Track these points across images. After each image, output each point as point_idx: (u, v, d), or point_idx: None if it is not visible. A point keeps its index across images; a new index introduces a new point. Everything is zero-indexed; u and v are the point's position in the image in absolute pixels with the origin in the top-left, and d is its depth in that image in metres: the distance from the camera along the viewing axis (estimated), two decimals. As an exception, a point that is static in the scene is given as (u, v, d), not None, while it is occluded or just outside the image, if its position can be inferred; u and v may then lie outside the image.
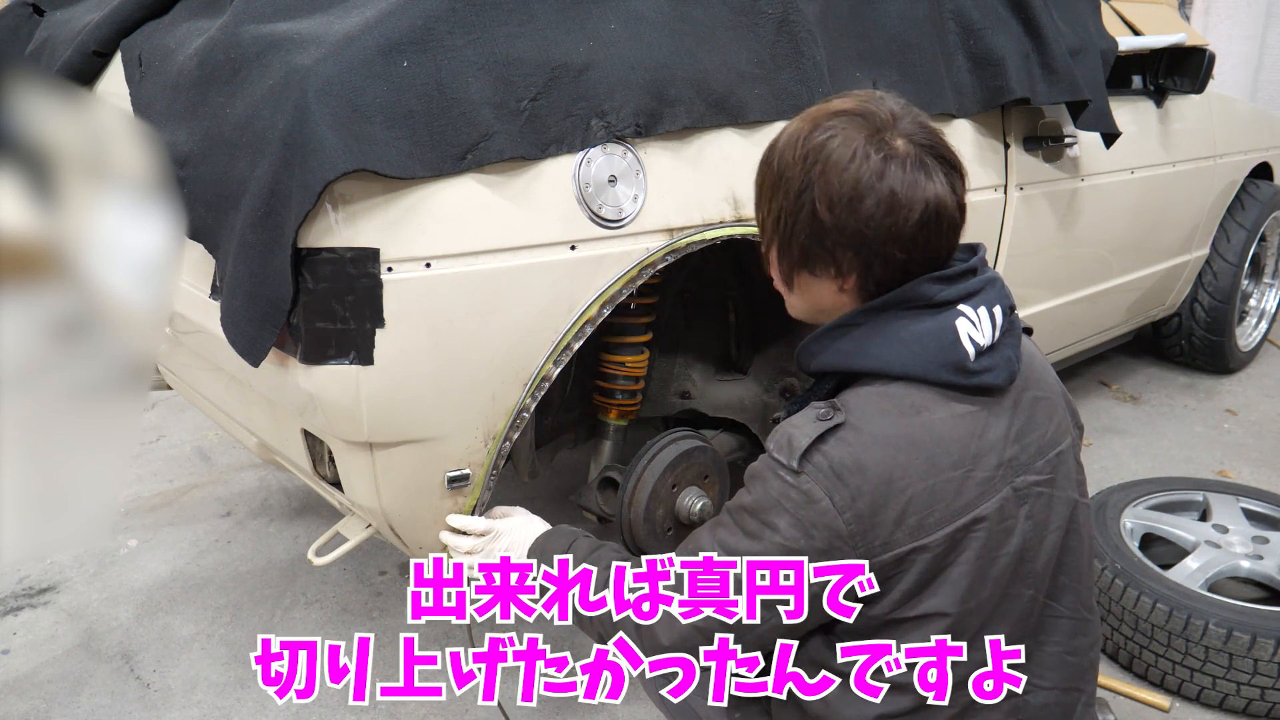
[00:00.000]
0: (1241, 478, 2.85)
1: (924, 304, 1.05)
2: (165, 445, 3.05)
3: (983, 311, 1.06)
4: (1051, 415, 1.14)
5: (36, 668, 1.98)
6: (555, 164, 1.40)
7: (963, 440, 1.05)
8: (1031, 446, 1.10)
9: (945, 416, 1.05)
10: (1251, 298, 3.82)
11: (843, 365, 1.09)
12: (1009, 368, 1.08)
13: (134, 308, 0.48)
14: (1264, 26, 6.17)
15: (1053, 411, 1.14)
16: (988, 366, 1.05)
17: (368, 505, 1.47)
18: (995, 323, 1.07)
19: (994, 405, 1.08)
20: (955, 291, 1.05)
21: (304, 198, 1.19)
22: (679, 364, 2.10)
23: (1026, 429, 1.10)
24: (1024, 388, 1.12)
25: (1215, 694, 1.85)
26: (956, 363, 1.04)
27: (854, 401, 1.06)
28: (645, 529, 1.70)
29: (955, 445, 1.04)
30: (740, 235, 1.61)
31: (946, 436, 1.04)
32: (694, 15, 1.54)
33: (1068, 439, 1.17)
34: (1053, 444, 1.13)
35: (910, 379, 1.05)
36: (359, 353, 1.30)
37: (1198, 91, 2.81)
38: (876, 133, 1.04)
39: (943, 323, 1.04)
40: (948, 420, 1.05)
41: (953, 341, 1.04)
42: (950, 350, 1.04)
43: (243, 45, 1.38)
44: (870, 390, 1.06)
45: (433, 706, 1.87)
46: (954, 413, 1.05)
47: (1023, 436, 1.10)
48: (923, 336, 1.04)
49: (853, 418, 1.04)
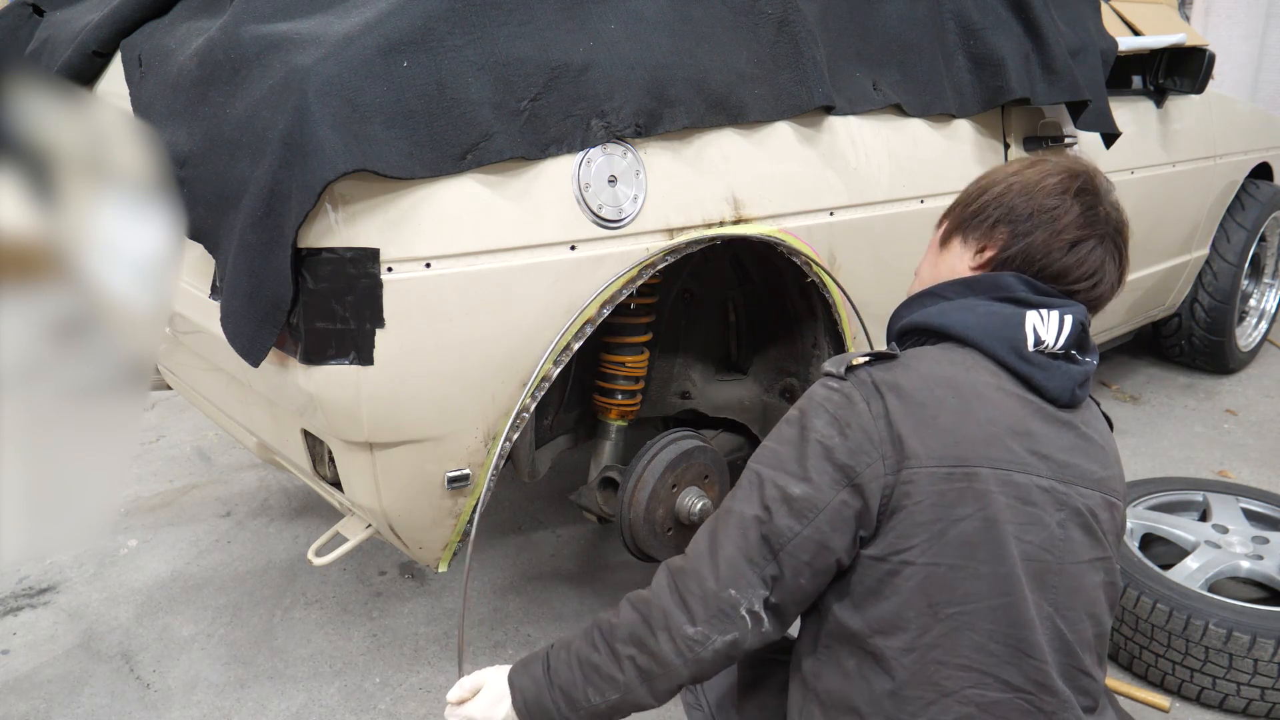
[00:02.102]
0: (1241, 478, 2.85)
1: (1006, 297, 1.14)
2: (165, 445, 3.05)
3: (1054, 315, 1.12)
4: (1106, 467, 1.13)
5: (36, 668, 1.98)
6: (555, 164, 1.40)
7: (1003, 410, 1.08)
8: (1080, 471, 1.09)
9: (992, 383, 1.09)
10: (1251, 298, 3.81)
11: (920, 321, 1.18)
12: (1066, 384, 1.11)
13: (134, 308, 0.48)
14: (1264, 26, 6.17)
15: (1108, 465, 1.14)
16: (1043, 366, 1.10)
17: (368, 505, 1.47)
18: (1064, 329, 1.11)
19: (1045, 411, 1.10)
20: (1037, 298, 1.14)
21: (304, 198, 1.19)
22: (679, 364, 2.10)
23: (1077, 455, 1.10)
24: (1084, 425, 1.13)
25: (1215, 694, 1.85)
26: (1014, 342, 1.10)
27: (913, 351, 1.15)
28: (645, 529, 1.70)
29: (993, 408, 1.07)
30: (740, 235, 1.61)
31: (988, 397, 1.08)
32: (694, 15, 1.54)
33: (1119, 502, 1.15)
34: (1102, 488, 1.11)
35: (970, 345, 1.12)
36: (359, 353, 1.30)
37: (1198, 92, 2.81)
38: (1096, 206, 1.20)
39: (1014, 310, 1.13)
40: (993, 386, 1.09)
41: (1017, 324, 1.11)
42: (1012, 330, 1.11)
43: (243, 45, 1.38)
44: (933, 347, 1.15)
45: (434, 706, 1.87)
46: (1002, 386, 1.09)
47: (1072, 456, 1.09)
48: (993, 314, 1.13)
49: (906, 358, 1.12)
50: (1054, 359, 1.11)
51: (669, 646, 1.08)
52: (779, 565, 1.07)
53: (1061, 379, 1.11)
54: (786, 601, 1.09)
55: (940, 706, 1.04)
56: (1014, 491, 1.05)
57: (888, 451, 1.05)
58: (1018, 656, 1.04)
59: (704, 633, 1.07)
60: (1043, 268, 1.16)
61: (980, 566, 1.04)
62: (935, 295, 1.20)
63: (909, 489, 1.04)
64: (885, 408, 1.07)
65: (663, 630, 1.08)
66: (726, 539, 1.08)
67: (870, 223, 1.83)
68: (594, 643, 1.13)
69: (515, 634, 2.08)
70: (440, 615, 2.15)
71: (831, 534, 1.05)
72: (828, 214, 1.75)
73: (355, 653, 2.03)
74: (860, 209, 1.79)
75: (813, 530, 1.05)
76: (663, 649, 1.08)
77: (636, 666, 1.10)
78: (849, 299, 1.81)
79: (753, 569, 1.07)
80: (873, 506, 1.05)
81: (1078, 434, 1.12)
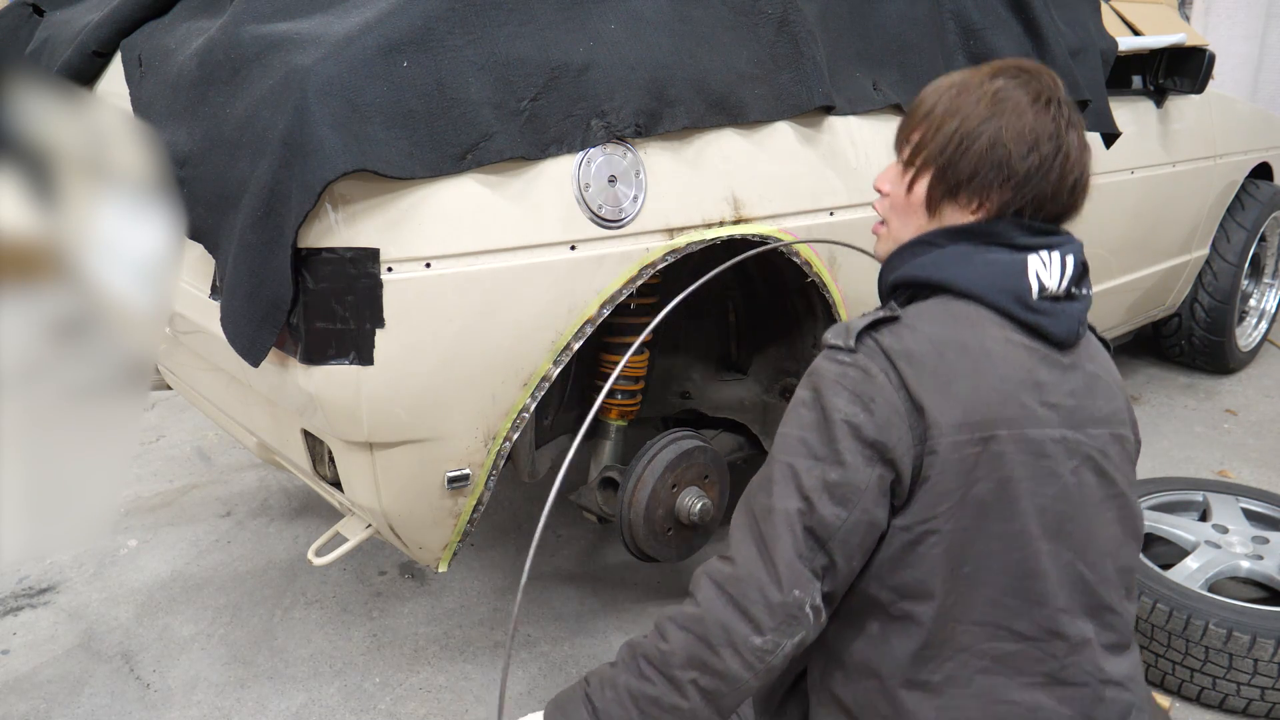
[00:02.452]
0: (1241, 478, 2.85)
1: (1003, 243, 1.10)
2: (165, 445, 3.05)
3: (1055, 256, 1.09)
4: (1111, 400, 1.12)
5: (36, 668, 1.98)
6: (555, 164, 1.40)
7: (1013, 364, 1.06)
8: (1088, 413, 1.09)
9: (999, 338, 1.07)
10: (1251, 298, 3.81)
11: (915, 275, 1.13)
12: (1070, 325, 1.09)
13: (134, 308, 0.48)
14: (1264, 26, 6.17)
15: (1112, 397, 1.13)
16: (1048, 312, 1.08)
17: (368, 505, 1.47)
18: (1065, 270, 1.09)
19: (1051, 357, 1.09)
20: (1035, 240, 1.10)
21: (304, 198, 1.19)
22: (679, 364, 2.10)
23: (1084, 396, 1.09)
24: (1087, 361, 1.12)
25: (1215, 694, 1.85)
26: (1018, 292, 1.07)
27: (913, 309, 1.11)
28: (645, 529, 1.70)
29: (1004, 364, 1.05)
30: (740, 235, 1.61)
31: (996, 354, 1.06)
32: (694, 15, 1.54)
33: (1128, 431, 1.14)
34: (1109, 424, 1.11)
35: (972, 298, 1.09)
36: (359, 353, 1.30)
37: (1198, 92, 2.81)
38: (1046, 93, 1.11)
39: (1015, 257, 1.09)
40: (1000, 342, 1.07)
41: (1019, 272, 1.08)
42: (1015, 279, 1.08)
43: (243, 45, 1.38)
44: (932, 302, 1.11)
45: (433, 707, 1.87)
46: (1009, 339, 1.07)
47: (1080, 398, 1.09)
48: (992, 264, 1.09)
49: (908, 319, 1.08)
50: (1057, 302, 1.09)
51: (736, 662, 1.02)
52: (828, 555, 1.03)
53: (1067, 322, 1.09)
54: (839, 587, 1.06)
55: (957, 662, 1.05)
56: (1029, 448, 1.04)
57: (914, 422, 1.03)
58: (1029, 607, 1.05)
59: (773, 640, 1.02)
60: (1048, 211, 1.11)
61: (992, 525, 1.03)
62: (927, 244, 1.14)
63: (934, 459, 1.02)
64: (901, 378, 1.04)
65: (726, 647, 1.02)
66: (776, 539, 1.03)
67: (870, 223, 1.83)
68: (643, 674, 1.06)
69: (515, 634, 2.08)
70: (440, 615, 2.15)
71: (876, 510, 1.03)
72: (828, 214, 1.75)
73: (355, 653, 2.03)
74: (860, 209, 1.79)
75: (859, 513, 1.02)
76: (729, 666, 1.02)
77: (701, 690, 1.04)
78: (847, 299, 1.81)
79: (805, 564, 1.03)
80: (905, 478, 1.03)
81: (1083, 373, 1.11)
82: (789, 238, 1.68)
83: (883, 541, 1.06)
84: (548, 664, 1.98)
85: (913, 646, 1.05)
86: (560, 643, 2.06)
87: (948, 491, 1.03)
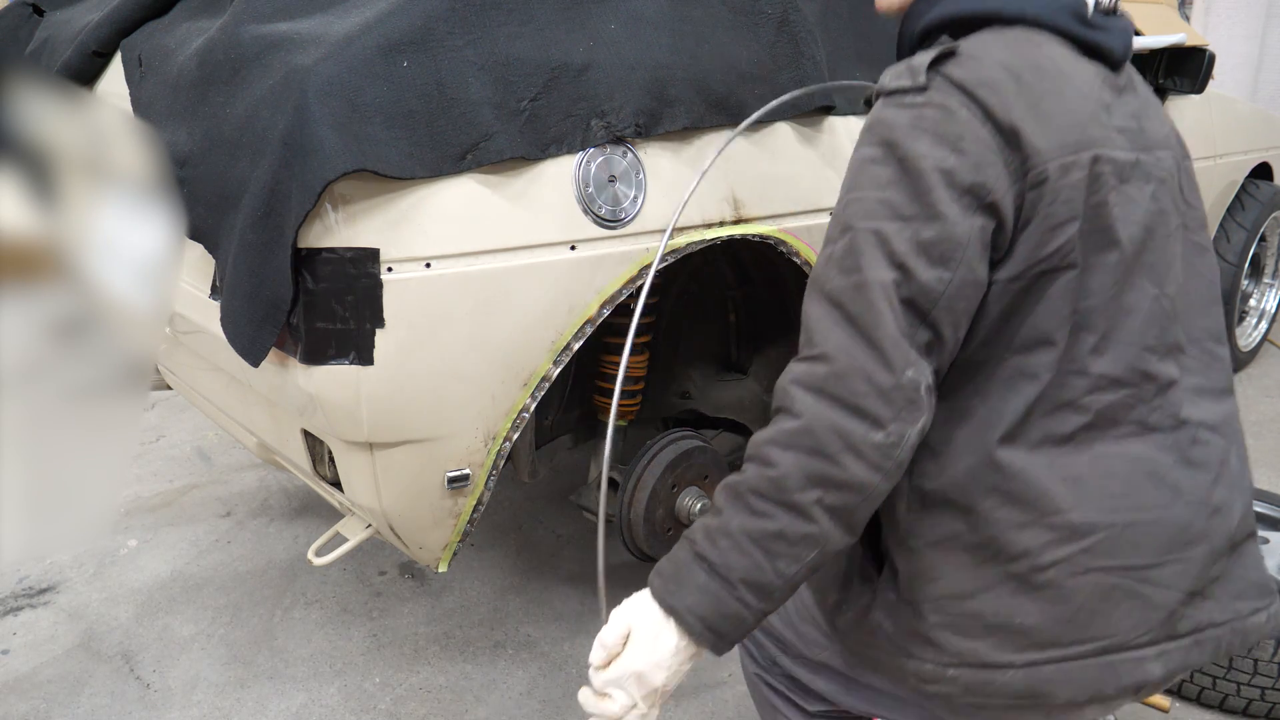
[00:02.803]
0: (1241, 478, 2.85)
1: None
2: (165, 445, 3.05)
3: None
4: (1163, 123, 1.06)
5: (36, 668, 1.98)
6: (555, 164, 1.40)
7: (1088, 84, 0.98)
8: (1150, 135, 1.02)
9: (1067, 55, 0.98)
10: (1251, 298, 3.81)
11: (958, 10, 1.00)
12: (1126, 40, 1.02)
13: (134, 308, 0.48)
14: (1264, 26, 6.17)
15: (1163, 120, 1.07)
16: (1105, 27, 1.00)
17: (368, 505, 1.47)
18: None
19: (1110, 78, 1.01)
20: None
21: (304, 198, 1.19)
22: (679, 364, 2.10)
23: (1143, 118, 1.02)
24: (1138, 84, 1.06)
25: (1215, 694, 1.85)
26: (1075, 8, 0.99)
27: (967, 42, 0.98)
28: (645, 529, 1.70)
29: (1080, 83, 0.97)
30: (740, 235, 1.61)
31: (1069, 73, 0.97)
32: (694, 15, 1.54)
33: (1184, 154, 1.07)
34: (1168, 146, 1.04)
35: (1027, 22, 0.98)
36: (359, 353, 1.30)
37: (1198, 91, 2.80)
38: None
39: None
40: (1070, 59, 0.98)
41: None
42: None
43: (243, 45, 1.38)
44: (985, 33, 0.99)
45: (433, 706, 1.87)
46: (1074, 57, 0.99)
47: (1140, 120, 1.02)
48: None
49: (968, 51, 0.96)
50: (1108, 16, 1.01)
51: (861, 467, 0.89)
52: (932, 327, 0.91)
53: (1121, 36, 1.01)
54: (944, 364, 0.94)
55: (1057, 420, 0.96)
56: (1115, 170, 0.95)
57: (1009, 157, 0.91)
58: (1124, 349, 0.96)
59: (897, 431, 0.89)
60: None
61: (1103, 256, 0.94)
62: None
63: (1040, 191, 0.91)
64: (986, 109, 0.91)
65: (846, 452, 0.89)
66: (876, 317, 0.89)
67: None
68: (757, 511, 0.92)
69: (515, 634, 2.08)
70: (440, 615, 2.15)
71: (979, 267, 0.91)
72: (828, 214, 1.75)
73: (355, 653, 2.03)
74: (860, 209, 1.79)
75: (964, 271, 0.90)
76: (855, 473, 0.89)
77: (828, 509, 0.90)
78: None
79: (909, 341, 0.89)
80: (1008, 224, 0.92)
81: (1136, 95, 1.04)
82: (789, 238, 1.68)
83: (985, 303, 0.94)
84: (548, 664, 1.98)
85: (1021, 405, 0.94)
86: (560, 643, 2.06)
87: (1062, 224, 0.92)
